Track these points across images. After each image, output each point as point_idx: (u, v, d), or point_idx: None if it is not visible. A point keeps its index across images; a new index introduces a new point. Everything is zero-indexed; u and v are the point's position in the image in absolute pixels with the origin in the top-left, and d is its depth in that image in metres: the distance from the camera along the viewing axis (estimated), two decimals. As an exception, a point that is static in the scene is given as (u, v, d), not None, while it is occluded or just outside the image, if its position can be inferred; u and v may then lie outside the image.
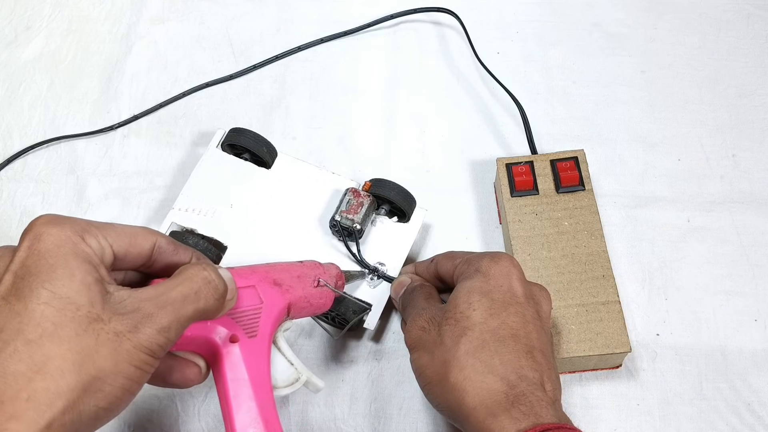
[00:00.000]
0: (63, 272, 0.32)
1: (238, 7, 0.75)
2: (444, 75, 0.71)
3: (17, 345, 0.31)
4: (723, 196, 0.62)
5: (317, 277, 0.48)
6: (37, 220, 0.34)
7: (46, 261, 0.33)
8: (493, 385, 0.41)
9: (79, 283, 0.32)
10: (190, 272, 0.37)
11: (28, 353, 0.31)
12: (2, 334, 0.31)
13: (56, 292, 0.32)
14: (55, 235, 0.33)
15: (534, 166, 0.58)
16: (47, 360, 0.31)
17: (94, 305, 0.32)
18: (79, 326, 0.32)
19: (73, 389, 0.31)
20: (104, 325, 0.32)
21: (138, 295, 0.34)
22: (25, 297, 0.32)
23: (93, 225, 0.35)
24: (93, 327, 0.32)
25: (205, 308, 0.37)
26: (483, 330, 0.43)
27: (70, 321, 0.31)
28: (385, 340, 0.57)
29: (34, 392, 0.30)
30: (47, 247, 0.33)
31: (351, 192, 0.57)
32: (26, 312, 0.31)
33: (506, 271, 0.45)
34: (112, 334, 0.32)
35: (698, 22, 0.73)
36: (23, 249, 0.34)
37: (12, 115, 0.69)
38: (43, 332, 0.31)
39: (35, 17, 0.75)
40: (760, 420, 0.53)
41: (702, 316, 0.57)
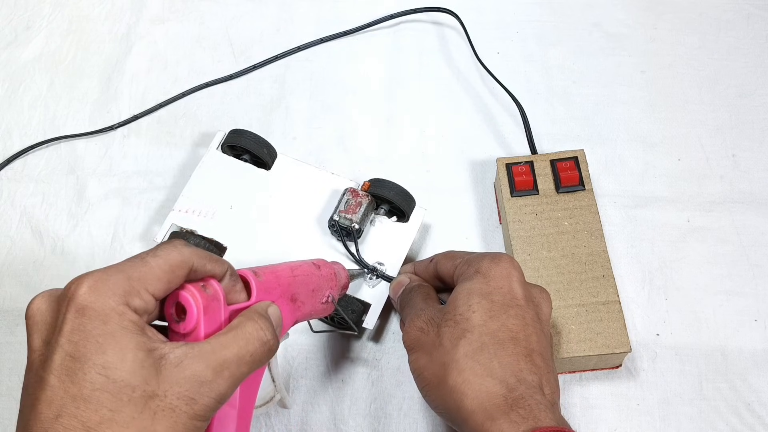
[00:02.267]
0: (114, 353, 0.31)
1: (238, 7, 0.75)
2: (444, 75, 0.71)
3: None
4: (723, 196, 0.62)
5: (329, 294, 0.47)
6: (78, 288, 0.32)
7: (95, 341, 0.31)
8: (491, 389, 0.40)
9: (131, 362, 0.31)
10: (248, 330, 0.36)
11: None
12: (62, 419, 0.30)
13: (110, 377, 0.31)
14: (100, 310, 0.32)
15: (534, 166, 0.58)
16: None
17: (149, 382, 0.31)
18: (136, 408, 0.31)
19: None
20: (160, 401, 0.31)
21: (193, 356, 0.33)
22: (78, 381, 0.31)
23: (135, 280, 0.33)
24: (149, 406, 0.31)
25: (256, 368, 0.36)
26: (482, 332, 0.43)
27: (127, 405, 0.31)
28: (384, 340, 0.57)
29: None
30: (93, 324, 0.32)
31: (350, 192, 0.57)
32: (82, 397, 0.30)
33: (506, 273, 0.45)
34: (169, 411, 0.32)
35: (698, 22, 0.73)
36: (68, 322, 0.32)
37: (12, 115, 0.69)
38: (102, 419, 0.30)
39: (35, 17, 0.75)
40: (760, 420, 0.53)
41: (702, 316, 0.57)
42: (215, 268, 0.37)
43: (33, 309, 0.33)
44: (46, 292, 0.34)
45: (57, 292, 0.34)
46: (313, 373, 0.56)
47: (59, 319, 0.32)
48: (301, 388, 0.55)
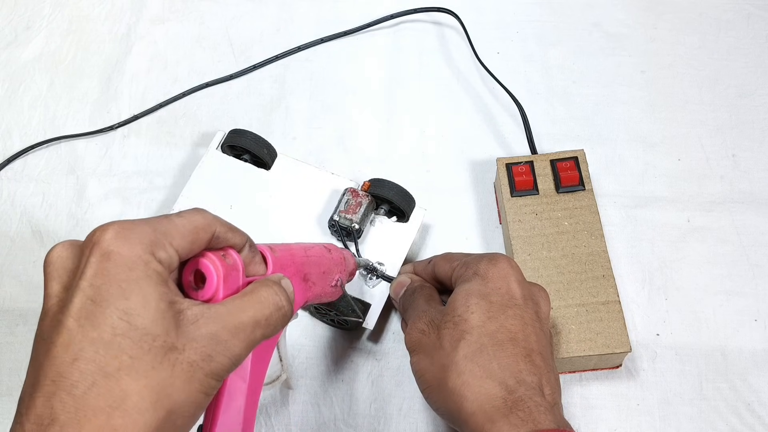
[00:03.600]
0: (137, 300, 0.31)
1: (238, 7, 0.75)
2: (444, 75, 0.71)
3: (96, 378, 0.29)
4: (723, 196, 0.62)
5: (339, 277, 0.48)
6: (104, 234, 0.31)
7: (118, 286, 0.31)
8: (491, 391, 0.40)
9: (154, 310, 0.31)
10: (263, 295, 0.36)
11: (107, 387, 0.29)
12: (79, 363, 0.29)
13: (132, 323, 0.30)
14: (126, 256, 0.31)
15: (534, 166, 0.58)
16: (126, 396, 0.29)
17: (169, 333, 0.31)
18: (155, 358, 0.30)
19: (150, 426, 0.30)
20: (179, 354, 0.31)
21: (210, 315, 0.33)
22: (98, 324, 0.30)
23: (160, 233, 0.33)
24: (168, 357, 0.31)
25: (271, 334, 0.36)
26: (481, 334, 0.42)
27: (147, 353, 0.30)
28: (384, 340, 0.57)
29: (114, 430, 0.29)
30: (118, 270, 0.31)
31: (349, 192, 0.57)
32: (102, 341, 0.30)
33: (504, 273, 0.45)
34: (187, 365, 0.31)
35: (698, 22, 0.73)
36: (91, 266, 0.31)
37: (12, 115, 0.69)
38: (121, 365, 0.29)
39: (35, 17, 0.75)
40: (760, 420, 0.53)
41: (702, 316, 0.57)
42: (236, 238, 0.37)
43: (53, 255, 0.33)
44: (67, 241, 0.33)
45: (78, 241, 0.33)
46: (313, 373, 0.56)
47: (81, 264, 0.31)
48: (301, 388, 0.55)
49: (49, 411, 0.28)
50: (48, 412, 0.28)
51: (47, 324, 0.31)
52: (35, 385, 0.29)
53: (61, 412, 0.28)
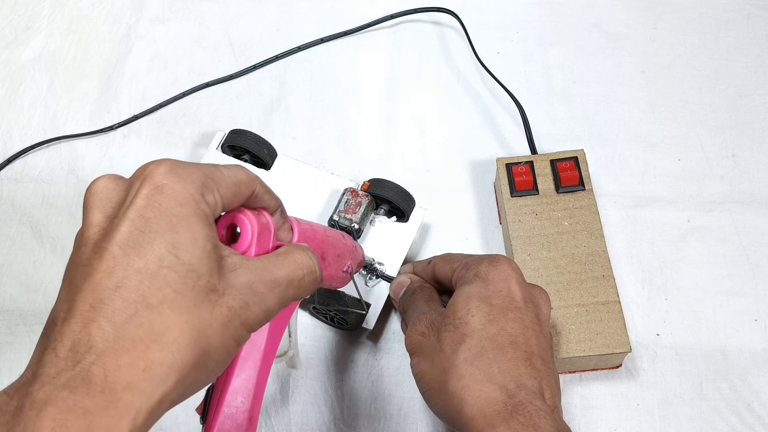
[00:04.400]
0: (186, 236, 0.30)
1: (238, 7, 0.75)
2: (444, 75, 0.71)
3: (138, 308, 0.28)
4: (723, 196, 0.62)
5: (350, 264, 0.48)
6: (157, 168, 0.31)
7: (168, 220, 0.30)
8: (491, 395, 0.40)
9: (201, 249, 0.30)
10: (298, 257, 0.36)
11: (148, 319, 0.28)
12: (122, 291, 0.28)
13: (179, 257, 0.29)
14: (178, 191, 0.31)
15: (534, 166, 0.58)
16: (166, 330, 0.28)
17: (212, 275, 0.30)
18: (198, 296, 0.30)
19: (186, 364, 0.29)
20: (219, 297, 0.30)
21: (249, 266, 0.33)
22: (146, 254, 0.29)
23: (210, 177, 0.33)
24: (210, 298, 0.30)
25: (301, 296, 0.36)
26: (482, 337, 0.42)
27: (191, 290, 0.29)
28: (384, 340, 0.57)
29: (151, 363, 0.28)
30: (170, 204, 0.30)
31: (349, 192, 0.57)
32: (147, 272, 0.29)
33: (505, 276, 0.45)
34: (226, 309, 0.30)
35: (698, 22, 0.73)
36: (142, 197, 0.30)
37: (12, 115, 0.69)
38: (164, 298, 0.29)
39: (35, 17, 0.75)
40: (760, 420, 0.53)
41: (702, 316, 0.57)
42: (271, 200, 0.37)
43: (98, 185, 0.32)
44: (111, 174, 0.33)
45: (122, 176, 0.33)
46: (313, 373, 0.56)
47: (130, 196, 0.31)
48: (301, 388, 0.55)
49: (87, 337, 0.27)
50: (85, 338, 0.27)
51: (87, 251, 0.30)
52: (71, 311, 0.28)
53: (99, 339, 0.27)
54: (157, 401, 0.28)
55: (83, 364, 0.27)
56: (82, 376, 0.27)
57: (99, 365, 0.27)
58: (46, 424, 0.26)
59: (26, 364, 0.30)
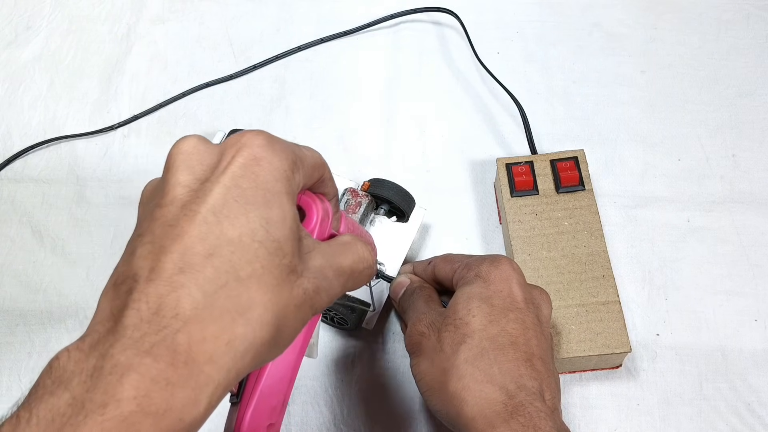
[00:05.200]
0: (278, 212, 0.29)
1: (238, 7, 0.75)
2: (444, 75, 0.71)
3: (229, 279, 0.27)
4: (723, 196, 0.62)
5: None
6: (255, 138, 0.30)
7: (263, 193, 0.29)
8: (491, 395, 0.40)
9: (290, 228, 0.29)
10: (360, 249, 0.35)
11: (237, 291, 0.27)
12: (215, 259, 0.27)
13: (270, 233, 0.28)
14: (275, 166, 0.30)
15: (534, 166, 0.58)
16: (252, 305, 0.28)
17: (295, 255, 0.30)
18: (281, 275, 0.29)
19: (264, 342, 0.28)
20: (297, 278, 0.30)
21: (320, 250, 0.32)
22: (239, 225, 0.28)
23: (298, 156, 0.32)
24: (290, 279, 0.29)
25: (357, 287, 0.36)
26: (482, 337, 0.42)
27: (276, 268, 0.28)
28: (384, 340, 0.57)
29: (235, 337, 0.27)
30: (266, 177, 0.29)
31: (349, 192, 0.57)
32: (240, 243, 0.28)
33: (506, 276, 0.45)
34: (302, 291, 0.30)
35: (698, 22, 0.73)
36: (238, 165, 0.29)
37: (12, 115, 0.69)
38: (253, 273, 0.28)
39: (35, 17, 0.75)
40: (760, 420, 0.53)
41: (702, 316, 0.57)
42: (333, 188, 0.37)
43: (187, 144, 0.31)
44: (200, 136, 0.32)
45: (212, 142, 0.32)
46: (313, 373, 0.56)
47: (224, 161, 0.30)
48: (301, 388, 0.55)
49: (175, 302, 0.26)
50: (173, 303, 0.26)
51: (174, 210, 0.29)
52: (157, 271, 0.27)
53: (188, 306, 0.26)
54: (234, 376, 0.27)
55: (169, 330, 0.26)
56: (167, 344, 0.26)
57: (185, 333, 0.26)
58: (128, 393, 0.24)
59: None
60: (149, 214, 0.30)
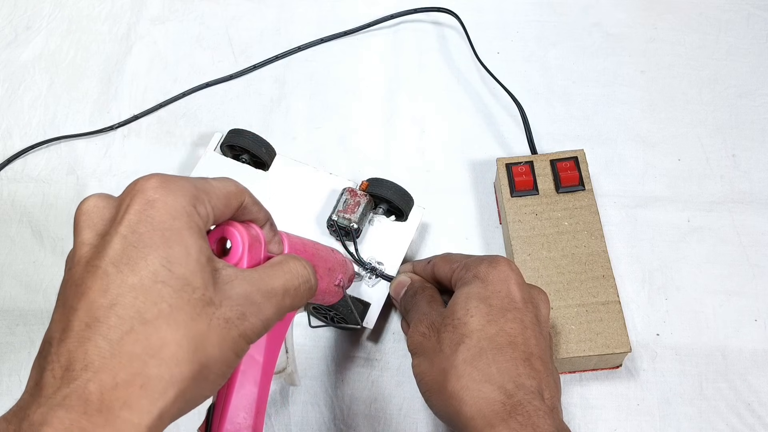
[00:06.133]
0: (179, 249, 0.30)
1: (238, 7, 0.75)
2: (444, 75, 0.71)
3: (134, 324, 0.28)
4: (723, 196, 0.62)
5: (341, 278, 0.48)
6: (147, 182, 0.31)
7: (161, 233, 0.30)
8: (490, 395, 0.40)
9: (195, 262, 0.30)
10: (292, 266, 0.36)
11: (145, 334, 0.28)
12: (117, 308, 0.28)
13: (174, 272, 0.29)
14: (170, 205, 0.31)
15: (534, 166, 0.58)
16: (163, 345, 0.28)
17: (208, 288, 0.30)
18: (194, 310, 0.29)
19: (185, 378, 0.29)
20: (215, 309, 0.30)
21: (244, 277, 0.32)
22: (139, 270, 0.29)
23: (200, 189, 0.33)
24: (206, 311, 0.30)
25: (297, 305, 0.36)
26: (481, 337, 0.42)
27: (186, 304, 0.29)
28: (384, 340, 0.57)
29: (149, 379, 0.28)
30: (162, 217, 0.30)
31: (348, 191, 0.57)
32: (141, 288, 0.29)
33: (504, 276, 0.45)
34: (222, 321, 0.30)
35: (698, 22, 0.73)
36: (134, 212, 0.30)
37: (12, 115, 0.69)
38: (160, 313, 0.28)
39: (35, 17, 0.75)
40: (760, 420, 0.53)
41: (702, 316, 0.57)
42: (260, 213, 0.37)
43: (88, 204, 0.32)
44: (101, 193, 0.33)
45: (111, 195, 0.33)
46: (313, 373, 0.56)
47: (121, 212, 0.31)
48: (301, 388, 0.55)
49: (83, 355, 0.27)
50: (81, 356, 0.27)
51: (79, 270, 0.30)
52: (66, 330, 0.28)
53: (95, 357, 0.27)
54: (157, 417, 0.28)
55: (79, 381, 0.27)
56: (78, 394, 0.27)
57: (96, 382, 0.27)
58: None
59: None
60: (64, 278, 0.31)
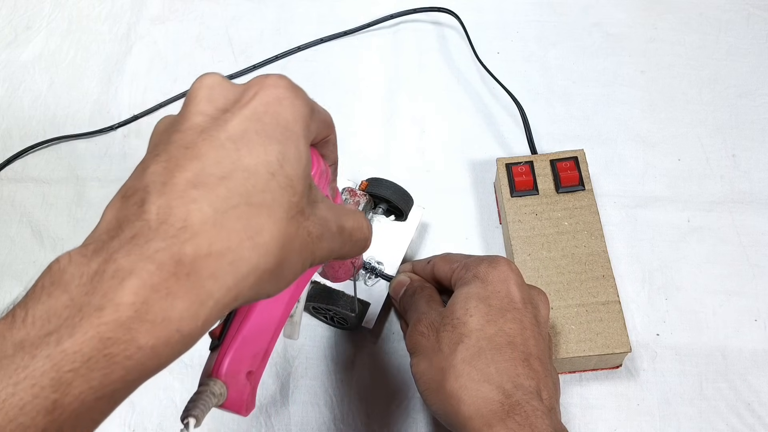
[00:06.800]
0: (294, 152, 0.30)
1: (238, 7, 0.75)
2: (444, 75, 0.71)
3: (241, 202, 0.28)
4: (723, 196, 0.62)
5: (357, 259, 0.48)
6: (278, 80, 0.31)
7: (282, 130, 0.30)
8: (488, 394, 0.40)
9: (303, 169, 0.30)
10: (361, 218, 0.36)
11: (248, 215, 0.27)
12: (229, 182, 0.28)
13: (285, 169, 0.29)
14: (297, 108, 0.31)
15: (534, 166, 0.58)
16: (260, 231, 0.28)
17: (304, 197, 0.30)
18: (289, 212, 0.29)
19: (267, 270, 0.28)
20: (304, 220, 0.30)
21: (328, 205, 0.33)
22: (256, 154, 0.29)
23: (315, 107, 0.34)
24: (297, 218, 0.30)
25: (351, 254, 0.36)
26: (480, 337, 0.42)
27: (286, 203, 0.29)
28: (384, 340, 0.57)
29: (239, 258, 0.27)
30: (286, 116, 0.30)
31: (347, 191, 0.57)
32: (254, 172, 0.28)
33: (504, 277, 0.45)
34: (306, 233, 0.30)
35: (698, 22, 0.73)
36: (261, 102, 0.30)
37: (12, 115, 0.69)
38: (264, 202, 0.28)
39: (35, 17, 0.75)
40: (760, 420, 0.53)
41: (702, 316, 0.57)
42: (333, 153, 0.37)
43: (210, 79, 0.31)
44: (222, 75, 0.32)
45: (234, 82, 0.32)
46: (313, 373, 0.56)
47: (247, 98, 0.30)
48: (301, 388, 0.55)
49: (185, 215, 0.26)
50: (183, 215, 0.26)
51: (192, 135, 0.29)
52: (170, 185, 0.27)
53: (197, 219, 0.26)
54: (233, 297, 0.27)
55: (175, 240, 0.26)
56: (172, 253, 0.26)
57: (191, 245, 0.26)
58: (127, 298, 0.24)
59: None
60: (165, 139, 0.30)
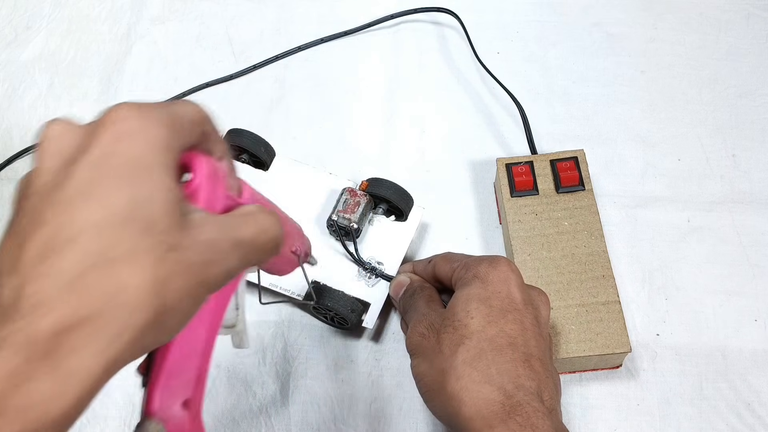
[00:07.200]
0: (149, 189, 0.27)
1: (238, 7, 0.75)
2: (444, 75, 0.71)
3: (96, 261, 0.26)
4: (723, 196, 0.62)
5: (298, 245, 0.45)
6: (123, 112, 0.28)
7: (133, 169, 0.27)
8: (489, 396, 0.40)
9: (164, 203, 0.28)
10: (264, 219, 0.33)
11: (105, 274, 0.26)
12: (79, 243, 0.26)
13: (141, 211, 0.27)
14: (148, 137, 0.28)
15: (534, 166, 0.58)
16: (124, 287, 0.26)
17: (173, 231, 0.28)
18: (157, 253, 0.27)
19: (142, 323, 0.26)
20: (180, 254, 0.28)
21: (213, 223, 0.30)
22: (105, 203, 0.27)
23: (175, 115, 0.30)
24: (169, 256, 0.27)
25: (262, 260, 0.34)
26: (480, 338, 0.42)
27: (150, 246, 0.27)
28: (384, 340, 0.57)
29: (105, 321, 0.25)
30: (135, 152, 0.28)
31: (348, 191, 0.57)
32: (106, 224, 0.26)
33: (504, 277, 0.45)
34: (186, 266, 0.28)
35: (698, 22, 0.73)
36: (107, 143, 0.28)
37: (12, 115, 0.69)
38: (123, 253, 0.26)
39: (35, 17, 0.75)
40: (760, 420, 0.53)
41: (702, 316, 0.57)
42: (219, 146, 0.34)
43: (55, 129, 0.29)
44: (68, 119, 0.30)
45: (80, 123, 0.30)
46: (313, 373, 0.56)
47: (92, 141, 0.28)
48: (301, 388, 0.55)
49: (34, 292, 0.25)
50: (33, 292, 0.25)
51: (38, 199, 0.27)
52: (19, 261, 0.26)
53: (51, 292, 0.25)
54: (112, 361, 0.26)
55: (31, 318, 0.25)
56: (27, 333, 0.24)
57: (48, 320, 0.25)
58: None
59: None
60: (18, 207, 0.28)
